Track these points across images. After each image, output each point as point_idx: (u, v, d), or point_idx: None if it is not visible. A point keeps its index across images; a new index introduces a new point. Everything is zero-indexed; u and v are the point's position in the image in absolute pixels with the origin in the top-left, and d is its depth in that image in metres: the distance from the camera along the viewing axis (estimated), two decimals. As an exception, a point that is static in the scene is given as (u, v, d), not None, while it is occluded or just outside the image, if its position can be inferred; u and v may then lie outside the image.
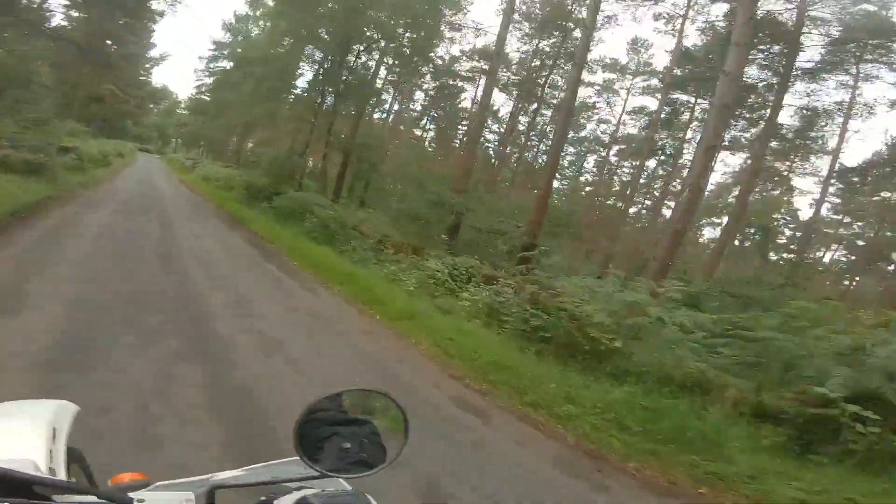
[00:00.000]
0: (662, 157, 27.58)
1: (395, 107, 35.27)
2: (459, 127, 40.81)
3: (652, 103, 27.47)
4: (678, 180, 24.97)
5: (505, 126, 34.89)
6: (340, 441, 0.66)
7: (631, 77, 29.01)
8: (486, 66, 32.03)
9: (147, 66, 45.32)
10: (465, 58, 29.85)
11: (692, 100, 23.67)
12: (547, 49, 27.58)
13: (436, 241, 13.94)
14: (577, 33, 21.00)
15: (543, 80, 28.48)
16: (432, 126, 40.09)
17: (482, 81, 33.68)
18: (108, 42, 37.48)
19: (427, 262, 9.82)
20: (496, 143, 35.54)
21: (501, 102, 33.80)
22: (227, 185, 22.12)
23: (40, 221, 7.92)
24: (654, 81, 26.46)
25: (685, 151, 25.72)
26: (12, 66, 15.73)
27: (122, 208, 11.64)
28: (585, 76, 24.64)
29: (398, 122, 37.83)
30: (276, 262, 9.29)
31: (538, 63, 28.47)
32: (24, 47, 20.21)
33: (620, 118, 30.38)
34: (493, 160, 28.42)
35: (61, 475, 0.70)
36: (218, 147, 50.00)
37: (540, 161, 31.58)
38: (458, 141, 39.30)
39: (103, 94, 36.09)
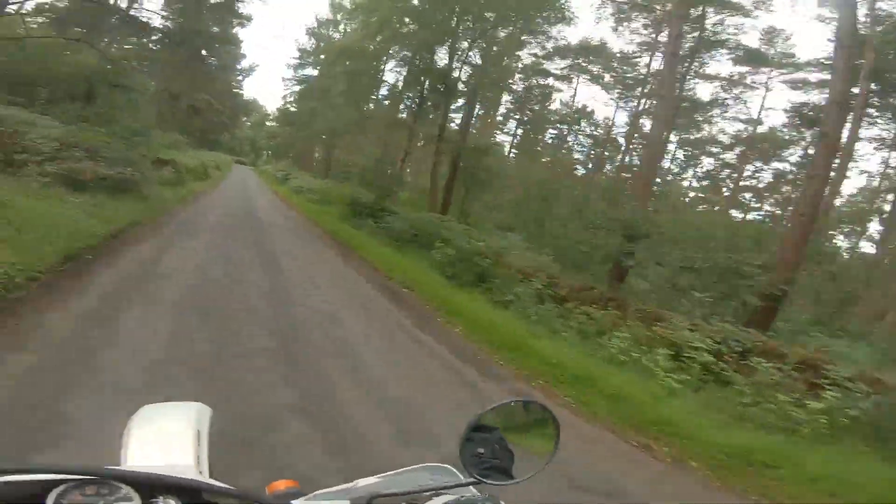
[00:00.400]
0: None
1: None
2: (550, 131, 36.69)
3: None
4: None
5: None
6: (473, 447, 0.65)
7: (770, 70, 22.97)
8: (584, 64, 27.81)
9: (238, 77, 46.03)
10: (558, 56, 25.81)
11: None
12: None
13: (601, 279, 10.16)
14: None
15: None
16: (518, 130, 36.39)
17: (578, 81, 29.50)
18: (204, 52, 38.24)
19: (664, 328, 6.03)
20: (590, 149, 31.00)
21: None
22: (322, 199, 19.96)
23: (106, 269, 5.24)
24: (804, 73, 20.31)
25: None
26: (108, 70, 14.33)
27: (218, 234, 9.20)
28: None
29: (484, 127, 34.47)
30: (431, 329, 6.02)
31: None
32: (124, 48, 19.52)
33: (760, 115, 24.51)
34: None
35: (206, 478, 0.67)
36: (306, 158, 50.01)
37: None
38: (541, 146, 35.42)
39: (201, 106, 36.79)
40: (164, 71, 36.93)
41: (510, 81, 24.79)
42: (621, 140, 30.44)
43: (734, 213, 23.58)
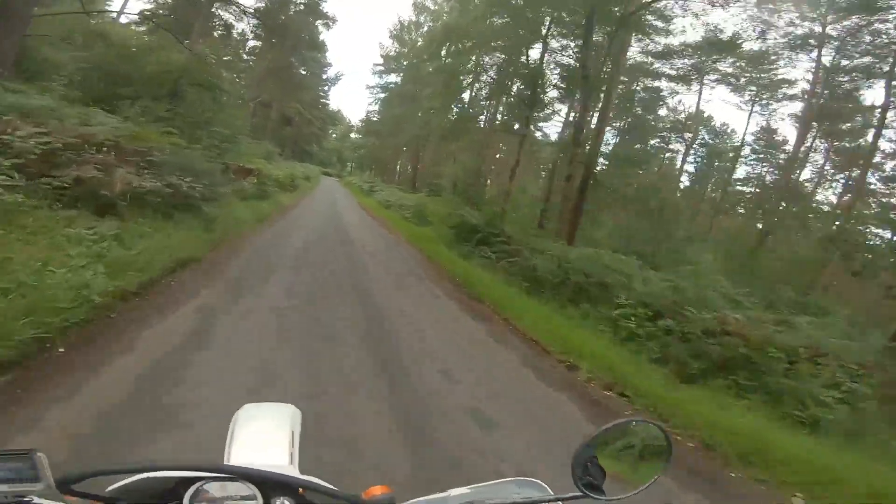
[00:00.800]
0: None
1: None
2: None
3: None
4: None
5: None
6: (576, 463, 0.65)
7: None
8: (712, 63, 22.32)
9: (325, 87, 45.73)
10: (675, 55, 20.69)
11: None
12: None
13: None
14: None
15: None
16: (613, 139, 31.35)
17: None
18: (293, 60, 38.00)
19: None
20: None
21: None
22: (417, 216, 17.08)
23: (103, 367, 2.31)
24: None
25: None
26: (195, 67, 12.53)
27: (303, 274, 6.28)
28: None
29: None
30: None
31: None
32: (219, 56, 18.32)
33: None
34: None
35: (308, 477, 0.69)
36: (390, 169, 48.73)
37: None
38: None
39: (292, 115, 36.53)
40: (255, 79, 37.30)
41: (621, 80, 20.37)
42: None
43: None
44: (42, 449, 0.51)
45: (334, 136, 68.38)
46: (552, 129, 27.44)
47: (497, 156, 30.52)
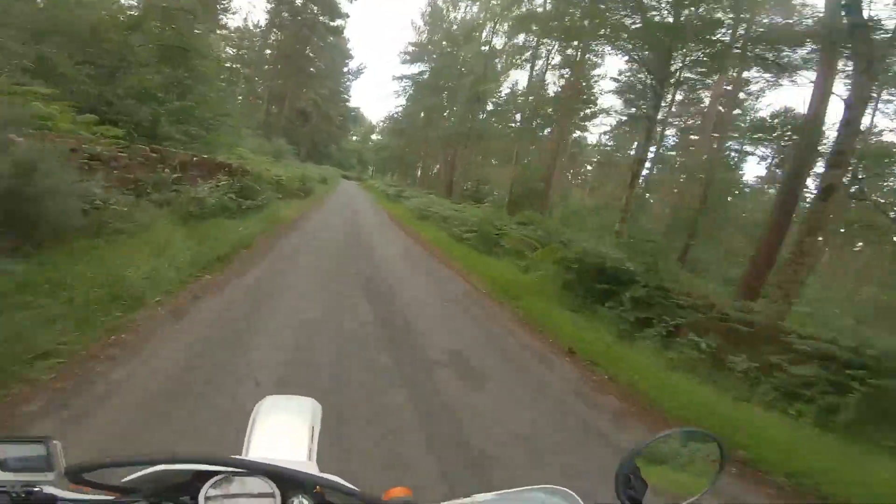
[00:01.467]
0: None
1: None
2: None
3: None
4: None
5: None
6: (621, 473, 0.63)
7: None
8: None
9: (345, 81, 41.14)
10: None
11: None
12: None
13: None
14: None
15: None
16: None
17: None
18: (309, 53, 33.45)
19: None
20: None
21: None
22: (482, 238, 11.92)
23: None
24: None
25: None
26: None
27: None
28: None
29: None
30: None
31: None
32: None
33: None
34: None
35: (327, 475, 0.64)
36: (421, 172, 43.94)
37: None
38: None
39: (308, 109, 32.14)
40: (266, 68, 32.92)
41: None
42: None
43: None
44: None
45: (355, 137, 64.07)
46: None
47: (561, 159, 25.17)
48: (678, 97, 21.83)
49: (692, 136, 24.75)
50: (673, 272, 6.71)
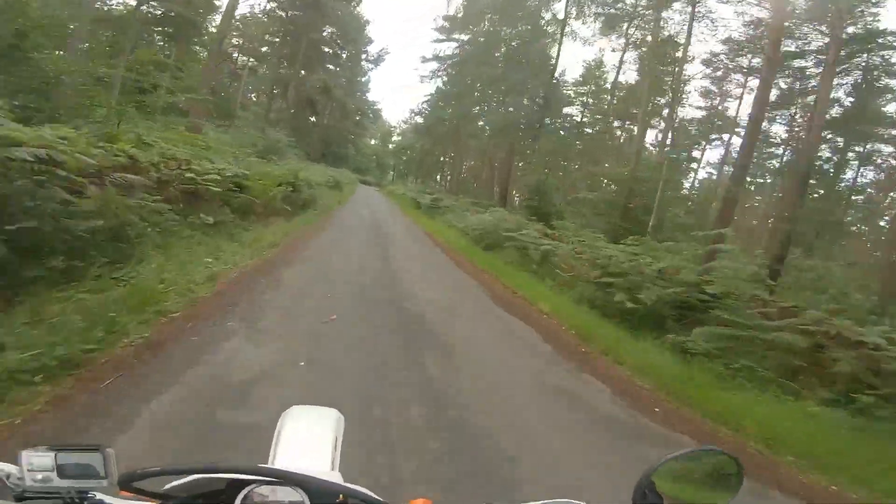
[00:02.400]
0: None
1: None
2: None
3: None
4: None
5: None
6: (639, 491, 0.63)
7: None
8: None
9: (364, 69, 34.64)
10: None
11: None
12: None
13: None
14: None
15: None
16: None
17: None
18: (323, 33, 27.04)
19: None
20: None
21: None
22: (625, 289, 5.18)
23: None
24: None
25: None
26: None
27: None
28: None
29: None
30: None
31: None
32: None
33: None
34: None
35: (354, 486, 0.64)
36: (440, 175, 37.39)
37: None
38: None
39: (315, 97, 25.85)
40: (267, 52, 26.73)
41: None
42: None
43: None
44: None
45: (374, 141, 58.00)
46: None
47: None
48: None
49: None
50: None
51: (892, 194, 17.39)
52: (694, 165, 24.62)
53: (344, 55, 29.68)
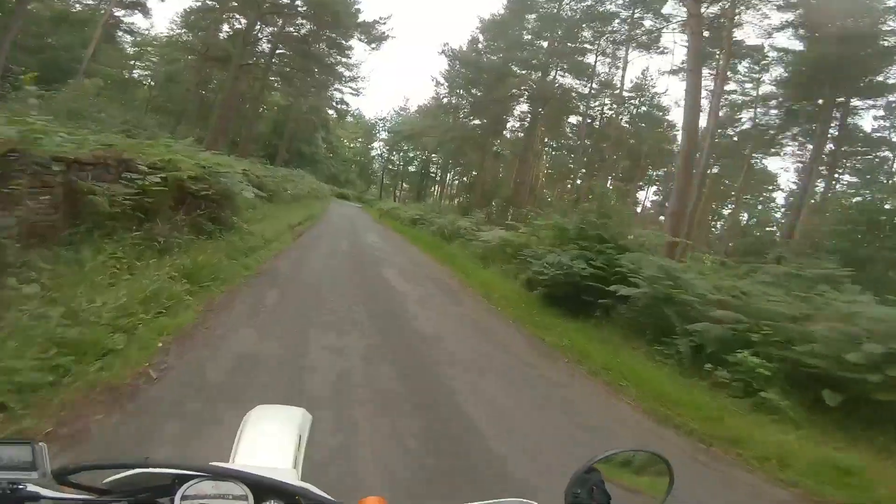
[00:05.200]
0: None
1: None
2: None
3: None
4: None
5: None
6: (572, 487, 0.66)
7: None
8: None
9: (352, 37, 22.85)
10: None
11: None
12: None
13: None
14: None
15: None
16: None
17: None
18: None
19: None
20: None
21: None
22: None
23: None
24: None
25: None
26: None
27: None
28: None
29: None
30: None
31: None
32: None
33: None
34: None
35: (307, 484, 0.64)
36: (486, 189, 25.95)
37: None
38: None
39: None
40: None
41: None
42: None
43: None
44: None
45: (353, 143, 46.26)
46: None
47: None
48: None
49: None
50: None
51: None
52: None
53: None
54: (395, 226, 15.80)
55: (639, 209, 25.87)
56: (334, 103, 25.20)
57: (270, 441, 0.86)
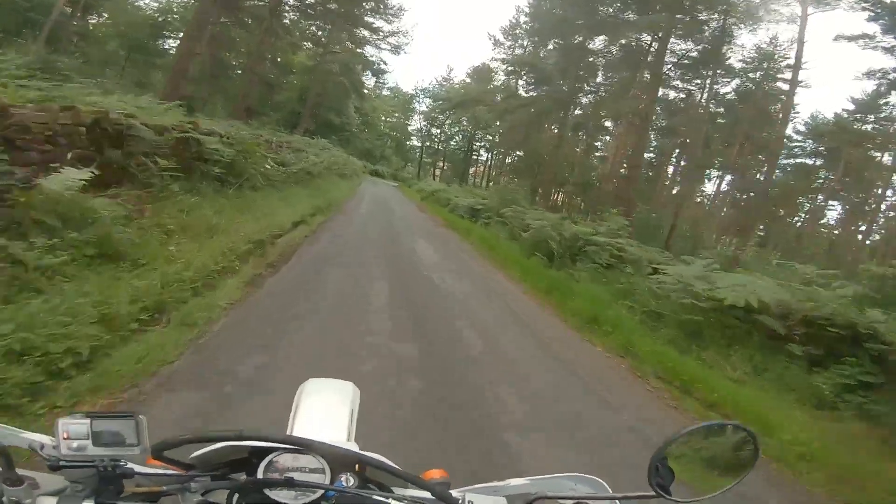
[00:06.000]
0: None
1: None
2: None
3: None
4: None
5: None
6: (652, 469, 0.61)
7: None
8: None
9: None
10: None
11: None
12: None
13: None
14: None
15: None
16: None
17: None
18: None
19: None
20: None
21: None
22: None
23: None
24: None
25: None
26: None
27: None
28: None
29: None
30: None
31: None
32: None
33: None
34: None
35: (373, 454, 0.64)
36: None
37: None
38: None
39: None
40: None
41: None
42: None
43: None
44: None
45: (390, 118, 41.47)
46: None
47: None
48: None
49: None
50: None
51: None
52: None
53: None
54: (447, 218, 11.17)
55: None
56: (372, 60, 20.46)
57: (326, 414, 0.86)
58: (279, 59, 19.03)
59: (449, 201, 12.94)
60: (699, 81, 17.85)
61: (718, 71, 17.17)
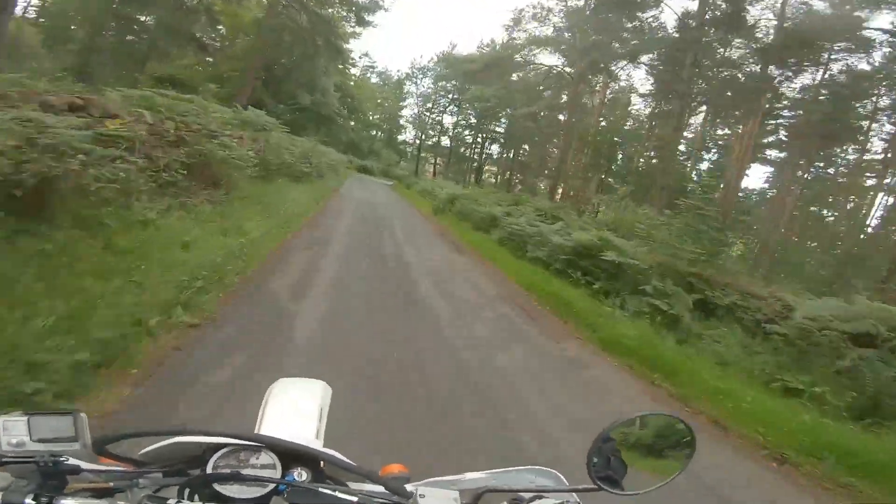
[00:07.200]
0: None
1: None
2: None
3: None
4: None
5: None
6: (591, 456, 0.63)
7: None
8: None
9: None
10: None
11: None
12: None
13: None
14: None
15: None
16: None
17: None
18: None
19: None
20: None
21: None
22: None
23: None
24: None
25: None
26: None
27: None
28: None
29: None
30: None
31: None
32: None
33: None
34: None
35: (330, 451, 0.65)
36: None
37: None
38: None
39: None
40: None
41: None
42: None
43: None
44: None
45: (382, 105, 35.52)
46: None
47: None
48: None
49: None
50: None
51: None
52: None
53: None
54: (550, 292, 5.40)
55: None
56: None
57: (293, 413, 0.85)
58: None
59: (496, 221, 7.25)
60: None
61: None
